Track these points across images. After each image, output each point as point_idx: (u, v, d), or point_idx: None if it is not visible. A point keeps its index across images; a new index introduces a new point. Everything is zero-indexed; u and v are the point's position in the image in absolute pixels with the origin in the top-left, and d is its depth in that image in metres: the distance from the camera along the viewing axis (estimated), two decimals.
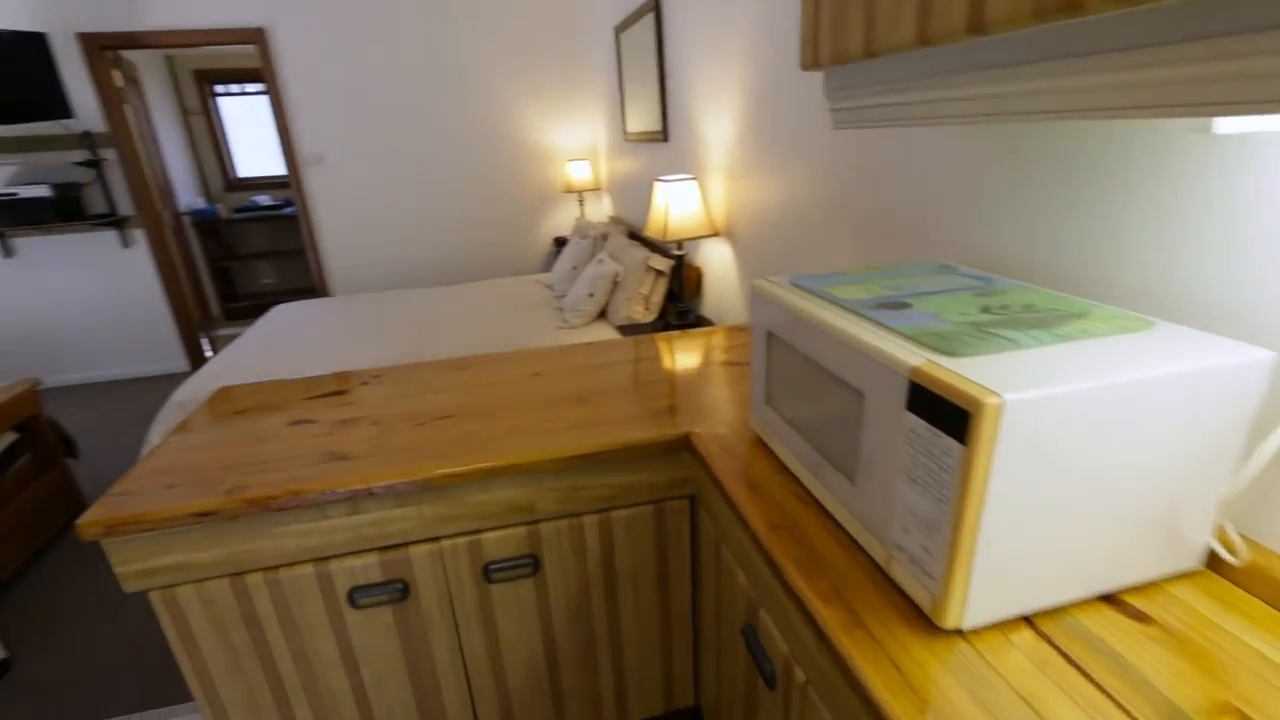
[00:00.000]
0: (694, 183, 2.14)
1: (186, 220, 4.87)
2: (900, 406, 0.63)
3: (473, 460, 1.06)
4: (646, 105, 2.88)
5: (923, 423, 0.60)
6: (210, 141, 5.30)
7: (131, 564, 1.02)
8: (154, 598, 1.05)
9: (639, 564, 1.22)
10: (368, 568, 1.10)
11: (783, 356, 0.89)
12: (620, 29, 3.12)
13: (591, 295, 2.69)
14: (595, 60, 3.90)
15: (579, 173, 4.07)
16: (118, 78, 3.68)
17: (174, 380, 4.05)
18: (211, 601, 1.07)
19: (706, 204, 2.20)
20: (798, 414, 0.88)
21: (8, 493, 2.19)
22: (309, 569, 1.09)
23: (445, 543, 1.12)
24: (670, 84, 2.56)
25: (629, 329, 2.54)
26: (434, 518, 1.09)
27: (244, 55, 5.13)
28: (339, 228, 4.09)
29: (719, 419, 1.16)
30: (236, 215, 5.15)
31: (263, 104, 5.38)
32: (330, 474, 1.05)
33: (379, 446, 1.14)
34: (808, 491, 0.89)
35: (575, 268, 3.16)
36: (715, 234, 2.19)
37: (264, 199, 5.24)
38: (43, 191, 3.47)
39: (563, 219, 4.43)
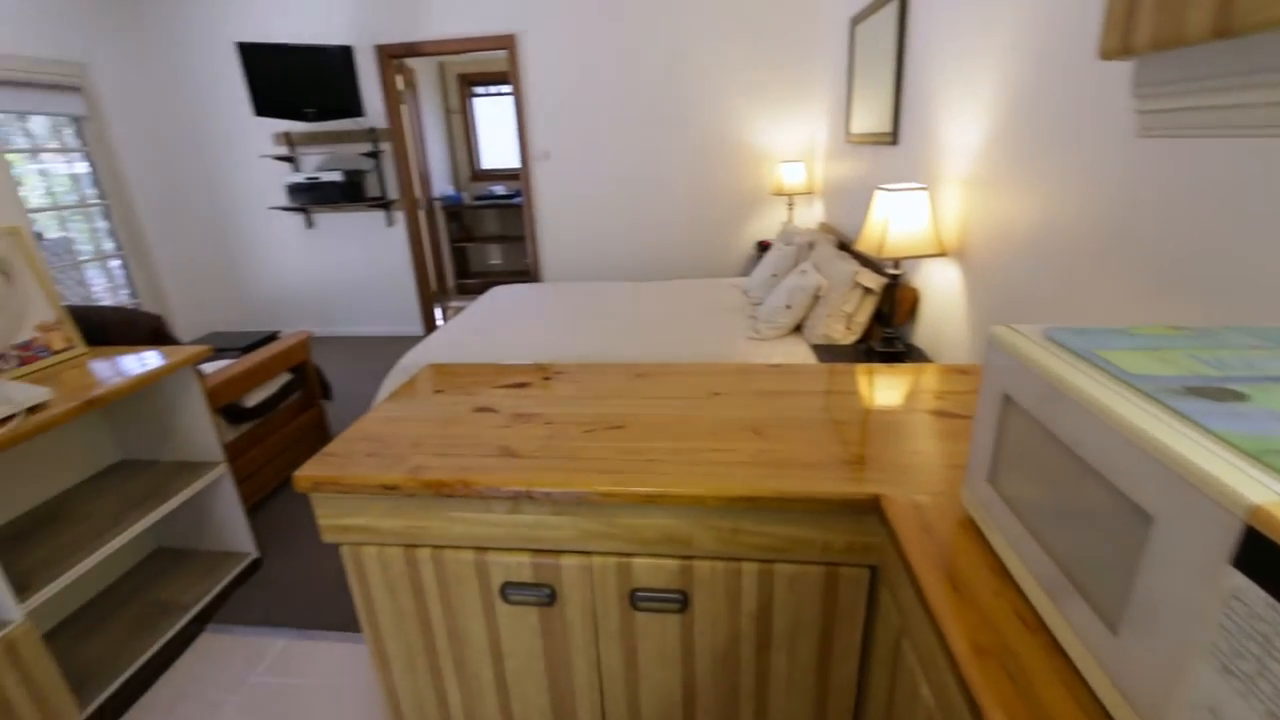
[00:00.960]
0: (924, 193, 1.87)
1: (437, 205, 5.61)
2: (1219, 556, 0.42)
3: (632, 482, 1.00)
4: (876, 104, 2.61)
5: (1262, 594, 0.39)
6: (464, 137, 6.03)
7: (330, 518, 1.14)
8: (344, 551, 1.17)
9: (799, 627, 1.07)
10: (521, 567, 1.11)
11: (1022, 430, 0.69)
12: (857, 19, 2.87)
13: (789, 307, 2.52)
14: (824, 55, 3.67)
15: (792, 175, 3.88)
16: (400, 82, 4.32)
17: (409, 342, 4.69)
18: (388, 565, 1.16)
19: (935, 218, 1.92)
20: (1034, 508, 0.67)
21: (279, 423, 2.69)
22: (470, 555, 1.12)
23: (596, 559, 1.08)
24: (908, 80, 2.28)
25: (825, 349, 2.33)
26: (587, 532, 1.06)
27: (499, 60, 5.74)
28: (555, 218, 4.39)
29: (919, 483, 0.96)
30: (476, 202, 5.81)
31: (508, 104, 5.99)
32: (498, 470, 1.07)
33: (547, 449, 1.13)
34: (1036, 613, 0.68)
35: (775, 275, 3.01)
36: (942, 254, 1.90)
37: (499, 189, 5.85)
38: (337, 177, 4.21)
39: (769, 222, 4.28)
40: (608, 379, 1.45)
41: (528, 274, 6.20)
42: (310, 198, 4.29)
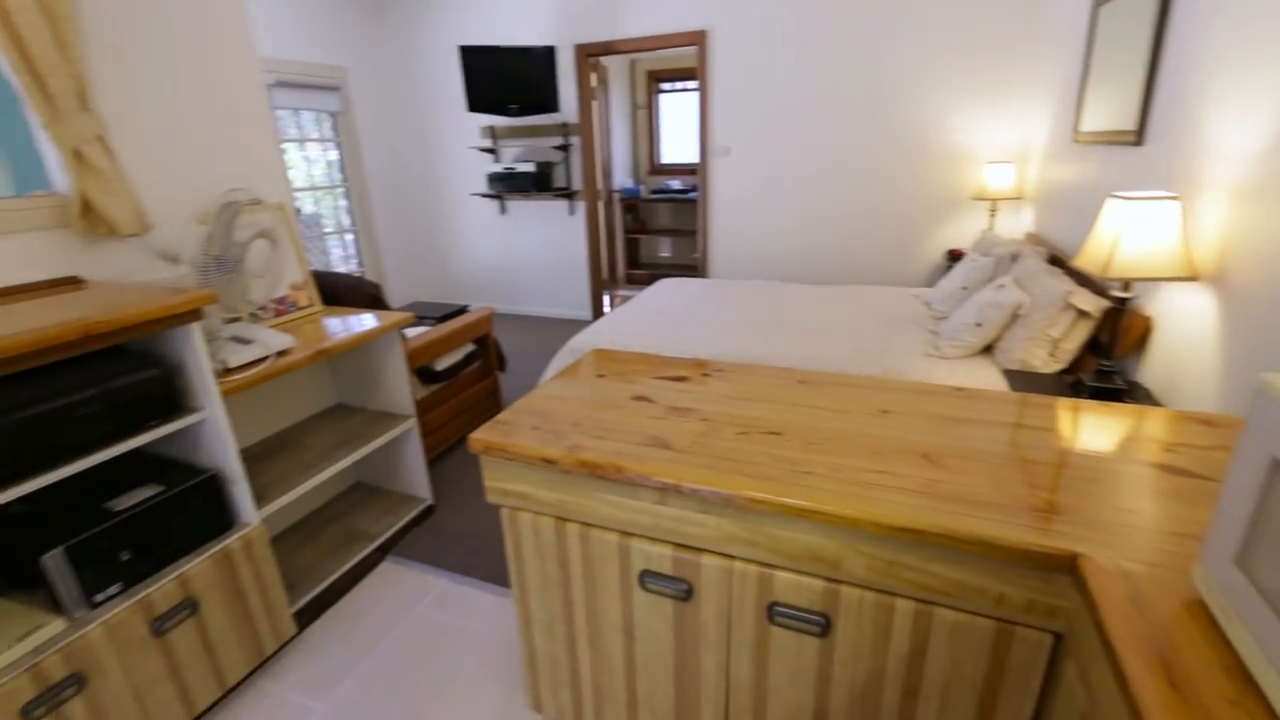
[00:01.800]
0: (1174, 204, 1.57)
1: (616, 197, 5.85)
2: None
3: (783, 492, 0.96)
4: (1117, 98, 2.24)
5: None
6: (647, 131, 6.22)
7: (495, 480, 1.23)
8: (504, 513, 1.26)
9: (957, 682, 0.96)
10: (661, 558, 1.12)
11: None
12: (1103, 0, 2.48)
13: (979, 325, 2.27)
14: (1053, 43, 3.22)
15: (999, 178, 3.47)
16: (594, 79, 4.55)
17: (577, 325, 4.96)
18: (540, 533, 1.23)
19: (1186, 234, 1.60)
20: None
21: (460, 388, 2.98)
22: (614, 538, 1.15)
23: (737, 564, 1.06)
24: (1166, 67, 1.93)
25: (1020, 376, 2.07)
26: (731, 535, 1.04)
27: (685, 56, 5.82)
28: (728, 215, 4.36)
29: (1131, 547, 0.81)
30: (652, 195, 5.96)
31: (692, 99, 6.06)
32: (650, 459, 1.08)
33: (700, 445, 1.12)
34: None
35: (966, 288, 2.72)
36: (1192, 278, 1.58)
37: (675, 183, 5.95)
38: (530, 168, 4.56)
39: (963, 230, 3.88)
40: (768, 382, 1.41)
41: (695, 269, 6.26)
42: (505, 186, 4.70)
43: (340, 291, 2.33)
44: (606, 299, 5.14)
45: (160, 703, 1.45)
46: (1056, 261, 2.66)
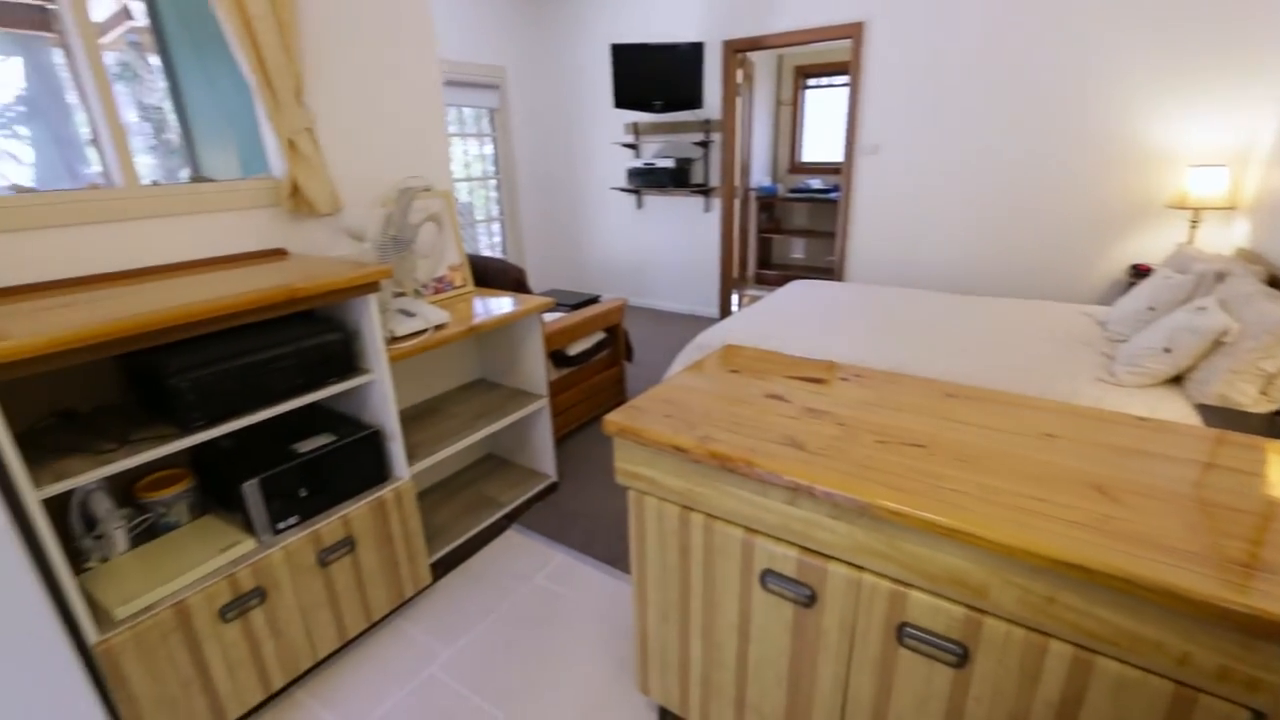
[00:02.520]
0: None
1: (752, 195, 5.77)
2: None
3: (927, 507, 0.91)
4: None
5: None
6: (789, 129, 6.06)
7: (625, 463, 1.27)
8: (630, 496, 1.29)
9: None
10: (785, 559, 1.09)
11: None
12: None
13: (1168, 350, 1.99)
14: None
15: (1207, 184, 3.01)
16: (739, 75, 4.51)
17: (703, 322, 4.96)
18: (664, 519, 1.25)
19: None
20: None
21: (589, 373, 3.10)
22: (738, 532, 1.14)
23: (867, 576, 1.01)
24: None
25: (1218, 412, 1.79)
26: (863, 546, 0.99)
27: (837, 50, 5.59)
28: (872, 216, 4.15)
29: None
30: (790, 194, 5.82)
31: (840, 96, 5.82)
32: (782, 458, 1.06)
33: (835, 449, 1.09)
34: None
35: (1152, 309, 2.39)
36: None
37: (816, 182, 5.76)
38: (669, 164, 4.62)
39: (1153, 243, 3.41)
40: (911, 392, 1.33)
41: (828, 272, 6.03)
42: (644, 181, 4.79)
43: (490, 274, 2.51)
44: (735, 298, 5.09)
45: (319, 624, 1.65)
46: (1277, 284, 2.26)
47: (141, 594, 1.34)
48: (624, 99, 4.52)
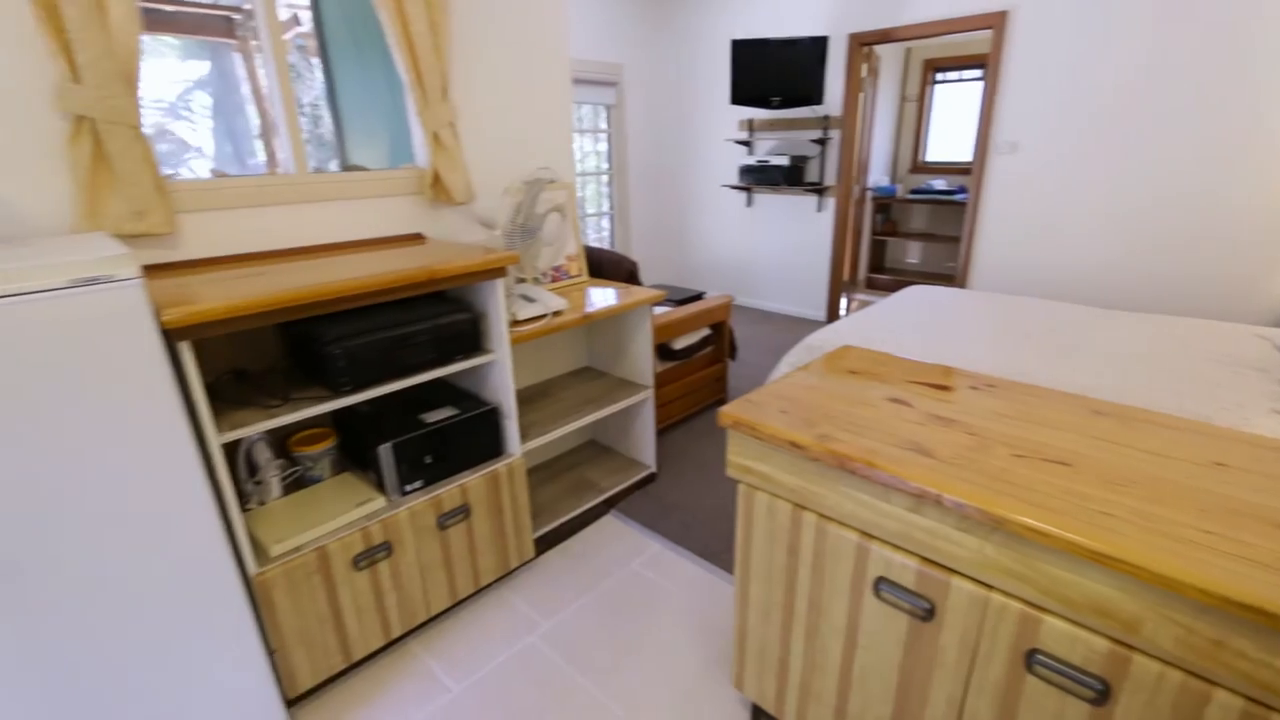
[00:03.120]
0: None
1: (868, 195, 5.54)
2: None
3: (1073, 528, 0.84)
4: None
5: None
6: (914, 126, 5.76)
7: (738, 456, 1.27)
8: (740, 489, 1.29)
9: None
10: (903, 568, 1.05)
11: None
12: None
13: None
14: None
15: None
16: (864, 70, 4.34)
17: (808, 324, 4.83)
18: (774, 516, 1.24)
19: None
20: None
21: (693, 368, 3.11)
22: (853, 536, 1.11)
23: (995, 596, 0.95)
24: None
25: None
26: (993, 563, 0.94)
27: (972, 42, 5.24)
28: (1005, 220, 3.87)
29: None
30: (910, 196, 5.53)
31: (972, 91, 5.45)
32: (907, 463, 1.02)
33: (966, 459, 1.03)
34: None
35: None
36: None
37: (939, 183, 5.44)
38: (783, 161, 4.53)
39: None
40: (1052, 407, 1.23)
41: (946, 278, 5.69)
42: (756, 179, 4.73)
43: (604, 266, 2.57)
44: (843, 302, 4.92)
45: (435, 583, 1.78)
46: None
47: (292, 535, 1.50)
48: (741, 95, 4.48)
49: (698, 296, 4.19)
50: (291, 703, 1.59)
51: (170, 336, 1.16)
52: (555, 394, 2.40)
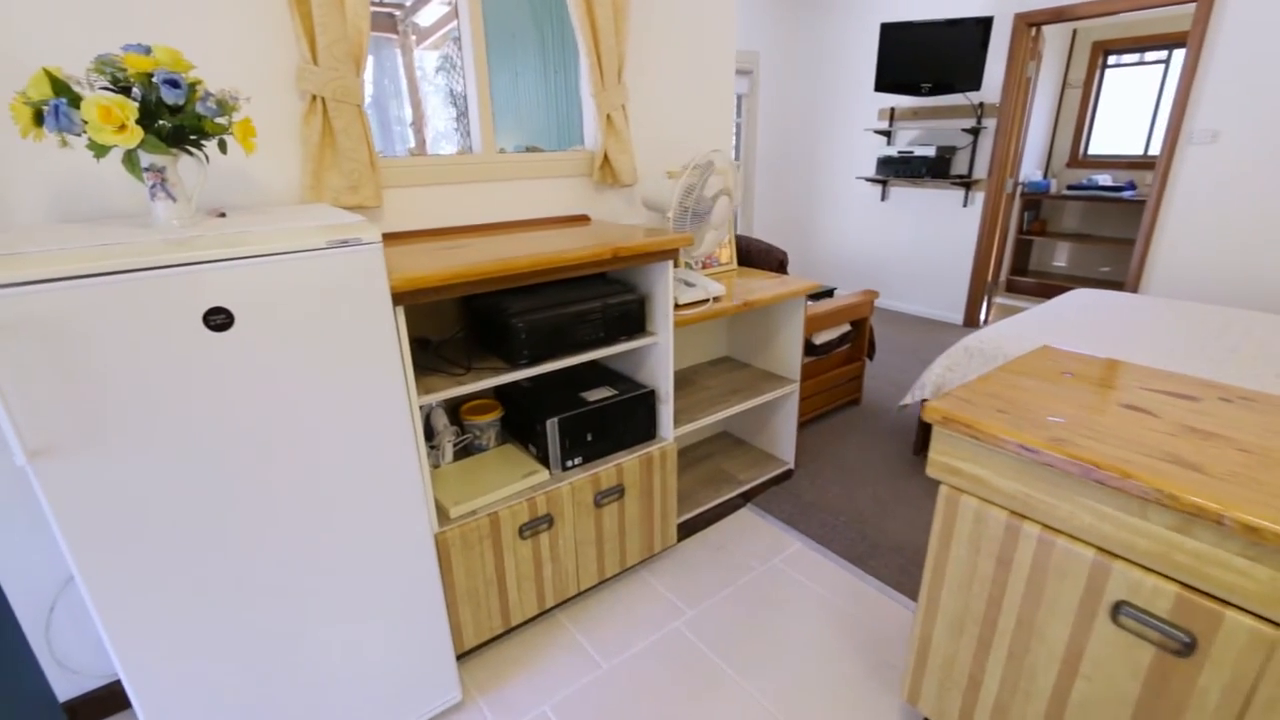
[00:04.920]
0: None
1: (1019, 190, 5.10)
2: None
3: None
4: None
5: None
6: (1075, 116, 5.24)
7: (944, 455, 1.18)
8: (943, 491, 1.20)
9: None
10: (1155, 593, 0.93)
11: None
12: None
13: None
14: None
15: None
16: (1032, 53, 3.99)
17: (943, 328, 4.52)
18: (983, 523, 1.15)
19: None
20: None
21: (830, 364, 2.99)
22: (1087, 552, 1.00)
23: None
24: None
25: None
26: None
27: (1155, 20, 4.68)
28: (1194, 219, 3.43)
29: None
30: (1066, 192, 5.04)
31: (1151, 75, 4.87)
32: (1170, 476, 0.90)
33: (1247, 477, 0.90)
34: None
35: None
36: None
37: (1103, 178, 4.91)
38: (929, 152, 4.26)
39: None
40: None
41: (1102, 283, 5.14)
42: (896, 170, 4.48)
43: (753, 255, 2.52)
44: (984, 305, 4.57)
45: (586, 558, 1.81)
46: None
47: (468, 500, 1.57)
48: (887, 81, 4.25)
49: (829, 293, 4.04)
50: (459, 657, 1.68)
51: (392, 300, 1.23)
52: (699, 382, 2.37)
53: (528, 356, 1.57)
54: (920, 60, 4.07)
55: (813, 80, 5.09)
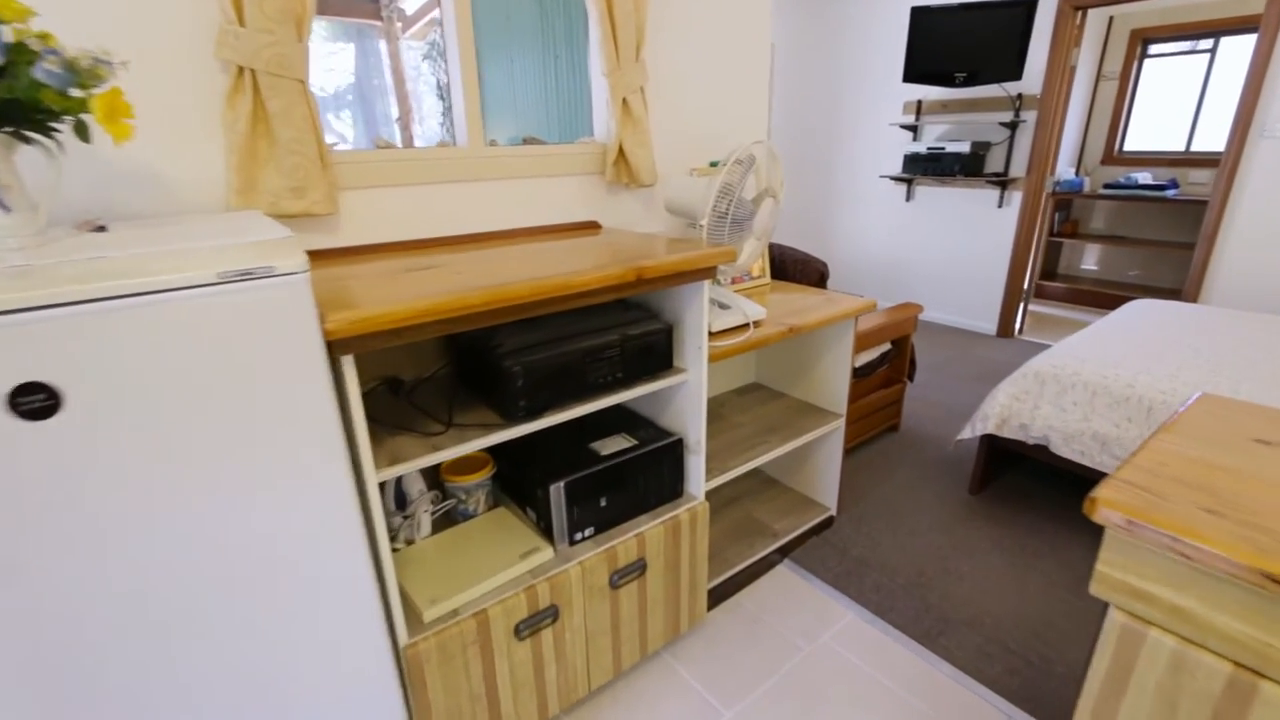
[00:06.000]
0: None
1: (1054, 189, 4.75)
2: None
3: None
4: None
5: None
6: (1110, 110, 4.90)
7: (1118, 568, 0.82)
8: (1115, 615, 0.85)
9: None
10: None
11: None
12: None
13: None
14: None
15: None
16: (1076, 39, 3.64)
17: (976, 339, 4.17)
18: (1181, 672, 0.79)
19: None
20: None
21: (869, 388, 2.63)
22: None
23: None
24: None
25: None
26: None
27: (1196, 6, 4.34)
28: (1263, 223, 3.09)
29: None
30: (1104, 191, 4.69)
31: (1193, 65, 4.53)
32: None
33: None
34: None
35: None
36: None
37: (1143, 176, 4.57)
38: (963, 148, 3.90)
39: None
40: None
41: (1133, 288, 4.80)
42: (925, 168, 4.13)
43: (787, 266, 2.17)
44: (1019, 313, 4.21)
45: (599, 650, 1.45)
46: None
47: (448, 594, 1.21)
48: (916, 72, 3.90)
49: None
50: None
51: (331, 349, 0.88)
52: (728, 416, 2.02)
53: (525, 409, 1.21)
54: (955, 48, 3.72)
55: (833, 72, 4.73)
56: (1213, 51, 4.45)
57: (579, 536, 1.39)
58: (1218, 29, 4.34)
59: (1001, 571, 1.95)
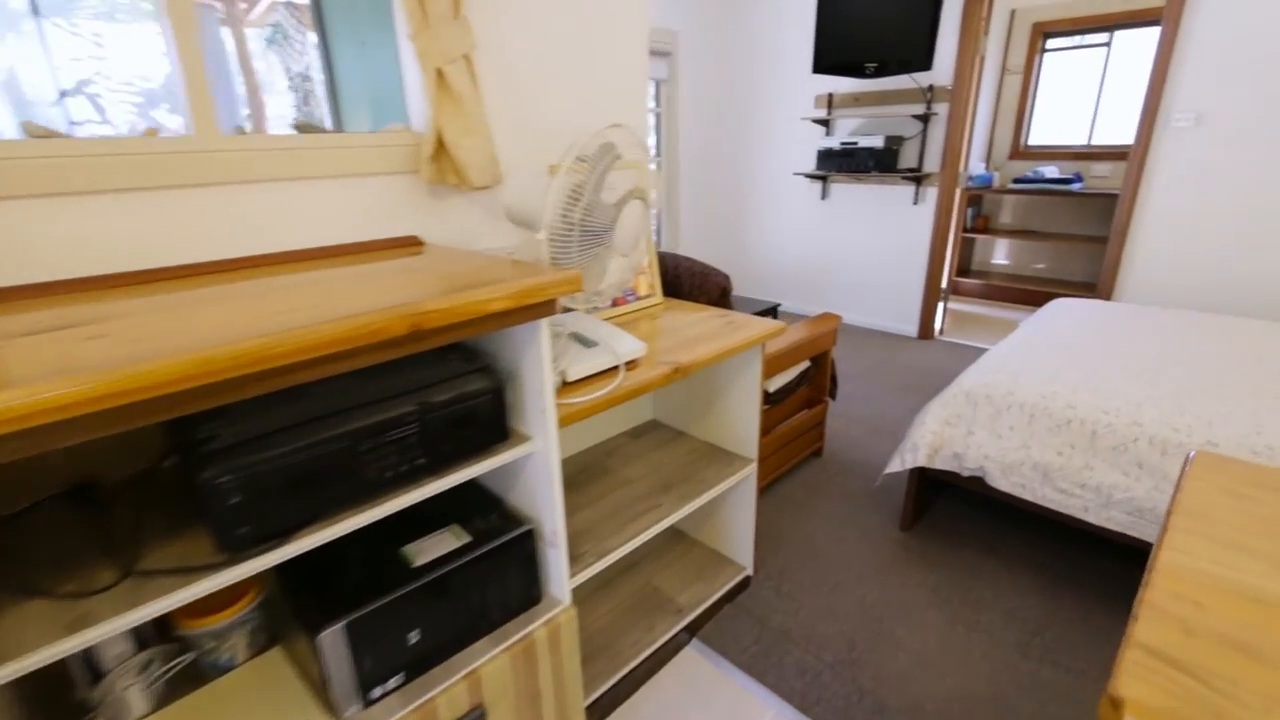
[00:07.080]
0: None
1: (967, 185, 4.66)
2: None
3: None
4: None
5: None
6: (1016, 104, 4.87)
7: None
8: None
9: None
10: None
11: None
12: None
13: None
14: None
15: None
16: (985, 28, 3.49)
17: (897, 341, 4.00)
18: None
19: None
20: None
21: (787, 411, 2.33)
22: None
23: None
24: None
25: None
26: None
27: (1089, 1, 4.34)
28: (1174, 215, 3.01)
29: None
30: (1014, 186, 4.64)
31: (1091, 59, 4.54)
32: None
33: None
34: None
35: None
36: None
37: (1050, 170, 4.54)
38: (876, 143, 3.70)
39: None
40: None
41: (1053, 283, 4.79)
42: (839, 164, 3.91)
43: (683, 280, 1.81)
44: (939, 313, 4.07)
45: None
46: None
47: None
48: (826, 62, 3.66)
49: (772, 310, 3.41)
50: None
51: None
52: (616, 470, 1.64)
53: (248, 536, 0.78)
54: (864, 37, 3.49)
55: (741, 62, 4.45)
56: (1108, 45, 4.47)
57: (377, 693, 0.96)
58: (1113, 23, 4.36)
59: (942, 634, 1.66)
